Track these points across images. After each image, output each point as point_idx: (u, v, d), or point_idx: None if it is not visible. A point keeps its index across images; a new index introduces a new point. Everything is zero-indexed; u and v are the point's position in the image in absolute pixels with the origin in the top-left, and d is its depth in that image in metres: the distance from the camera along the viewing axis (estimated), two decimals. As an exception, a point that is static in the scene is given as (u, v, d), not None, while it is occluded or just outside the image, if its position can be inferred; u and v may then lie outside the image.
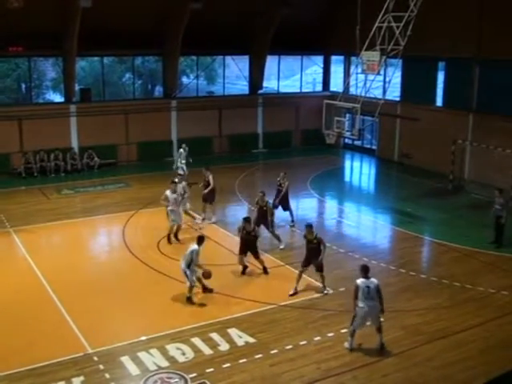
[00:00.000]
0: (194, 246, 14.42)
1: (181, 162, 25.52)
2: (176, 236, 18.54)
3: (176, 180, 19.11)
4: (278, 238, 18.45)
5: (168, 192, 18.37)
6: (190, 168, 24.96)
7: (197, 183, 20.84)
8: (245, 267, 16.34)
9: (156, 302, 14.53)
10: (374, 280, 12.20)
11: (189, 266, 14.30)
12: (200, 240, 14.58)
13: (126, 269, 16.82)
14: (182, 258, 14.52)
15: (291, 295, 14.90)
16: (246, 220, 16.27)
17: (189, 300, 14.44)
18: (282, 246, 18.23)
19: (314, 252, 14.91)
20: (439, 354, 12.35)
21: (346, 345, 12.50)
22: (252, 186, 25.46)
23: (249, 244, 16.14)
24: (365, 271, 12.27)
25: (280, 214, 22.39)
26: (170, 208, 18.30)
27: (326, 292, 15.11)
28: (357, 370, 11.76)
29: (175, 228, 18.54)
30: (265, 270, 16.39)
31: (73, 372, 11.46)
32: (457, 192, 25.36)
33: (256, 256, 16.31)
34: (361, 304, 12.10)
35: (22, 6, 23.71)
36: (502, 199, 18.51)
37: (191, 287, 14.45)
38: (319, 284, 15.31)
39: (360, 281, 12.16)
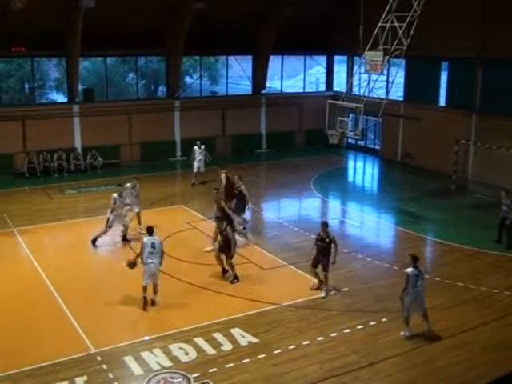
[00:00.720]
0: (156, 238, 14.29)
1: (195, 160, 25.42)
2: (125, 237, 18.52)
3: (120, 184, 19.13)
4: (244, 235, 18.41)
5: (115, 195, 18.33)
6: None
7: (210, 181, 20.68)
8: (223, 269, 15.99)
9: (159, 301, 14.52)
10: (421, 268, 12.83)
11: None
12: (153, 230, 14.46)
13: (129, 269, 16.79)
14: (154, 255, 14.13)
15: (315, 289, 15.08)
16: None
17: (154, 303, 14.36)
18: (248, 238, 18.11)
19: (324, 251, 14.79)
20: (442, 355, 12.34)
21: (405, 333, 12.83)
22: (255, 186, 25.45)
23: (223, 244, 15.88)
24: (415, 261, 12.79)
25: (284, 214, 22.50)
26: (115, 212, 18.22)
27: (324, 295, 14.93)
28: (360, 370, 11.75)
29: (125, 229, 18.54)
30: (234, 277, 15.80)
31: (76, 372, 11.47)
32: (460, 192, 25.32)
33: (226, 257, 15.83)
34: (410, 292, 12.62)
35: (25, 7, 23.74)
36: (509, 200, 18.48)
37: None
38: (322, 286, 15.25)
39: (410, 270, 12.67)
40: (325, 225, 14.93)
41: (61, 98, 33.07)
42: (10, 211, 21.46)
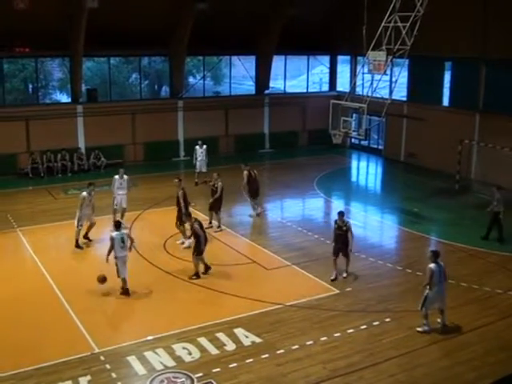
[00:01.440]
0: (124, 232, 14.96)
1: (196, 159, 25.42)
2: (86, 235, 18.76)
3: (91, 183, 19.28)
4: (183, 233, 18.34)
5: (84, 193, 18.51)
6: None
7: (211, 181, 20.68)
8: (206, 266, 16.07)
9: (162, 301, 14.56)
10: (442, 264, 13.06)
11: None
12: (120, 224, 15.20)
13: (133, 268, 16.73)
14: (124, 249, 14.75)
15: (332, 280, 15.73)
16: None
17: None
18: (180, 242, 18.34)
19: (341, 239, 15.73)
20: (445, 355, 12.33)
21: (424, 328, 13.03)
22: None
23: (195, 243, 15.99)
24: (436, 256, 13.07)
25: (287, 214, 22.47)
26: (84, 211, 18.38)
27: (345, 276, 15.98)
28: (363, 370, 11.75)
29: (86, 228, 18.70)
30: (195, 274, 15.87)
31: (79, 371, 11.50)
32: (463, 192, 25.28)
33: (193, 251, 15.93)
34: (435, 288, 12.85)
35: (28, 7, 23.79)
36: (499, 195, 18.76)
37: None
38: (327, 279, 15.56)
39: (433, 265, 12.91)
40: (341, 214, 15.96)
41: (64, 98, 33.08)
42: (14, 211, 21.52)
